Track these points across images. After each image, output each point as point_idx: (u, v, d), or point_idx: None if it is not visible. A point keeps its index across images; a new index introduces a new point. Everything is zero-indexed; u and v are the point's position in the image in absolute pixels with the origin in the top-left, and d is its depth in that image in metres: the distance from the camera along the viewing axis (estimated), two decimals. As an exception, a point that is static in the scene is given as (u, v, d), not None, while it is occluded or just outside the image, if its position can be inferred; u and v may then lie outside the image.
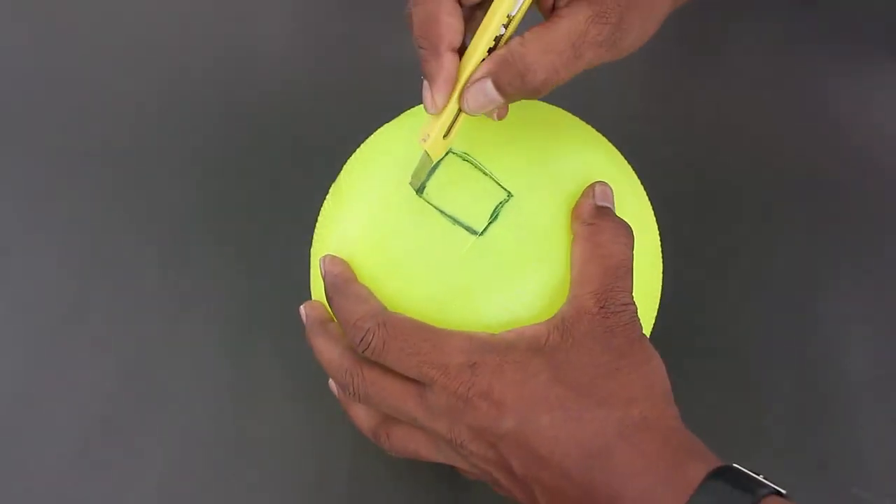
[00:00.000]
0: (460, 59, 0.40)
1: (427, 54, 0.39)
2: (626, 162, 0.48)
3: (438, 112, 0.40)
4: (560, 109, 0.48)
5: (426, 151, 0.41)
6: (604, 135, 0.49)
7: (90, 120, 0.68)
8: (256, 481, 0.52)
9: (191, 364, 0.56)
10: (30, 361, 0.56)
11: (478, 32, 0.40)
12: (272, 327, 0.57)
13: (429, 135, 0.40)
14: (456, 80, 0.39)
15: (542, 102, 0.48)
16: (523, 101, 0.42)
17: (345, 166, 0.48)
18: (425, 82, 0.39)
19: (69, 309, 0.58)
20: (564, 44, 0.38)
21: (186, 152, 0.66)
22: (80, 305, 0.58)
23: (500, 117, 0.44)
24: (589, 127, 0.48)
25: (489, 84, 0.39)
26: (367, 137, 0.49)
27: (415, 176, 0.42)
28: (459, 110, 0.40)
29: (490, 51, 0.40)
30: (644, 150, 0.51)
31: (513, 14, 0.39)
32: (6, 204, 0.63)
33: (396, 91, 0.50)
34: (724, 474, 0.36)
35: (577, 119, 0.48)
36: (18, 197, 0.63)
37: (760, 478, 0.37)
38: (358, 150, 0.48)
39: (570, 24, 0.38)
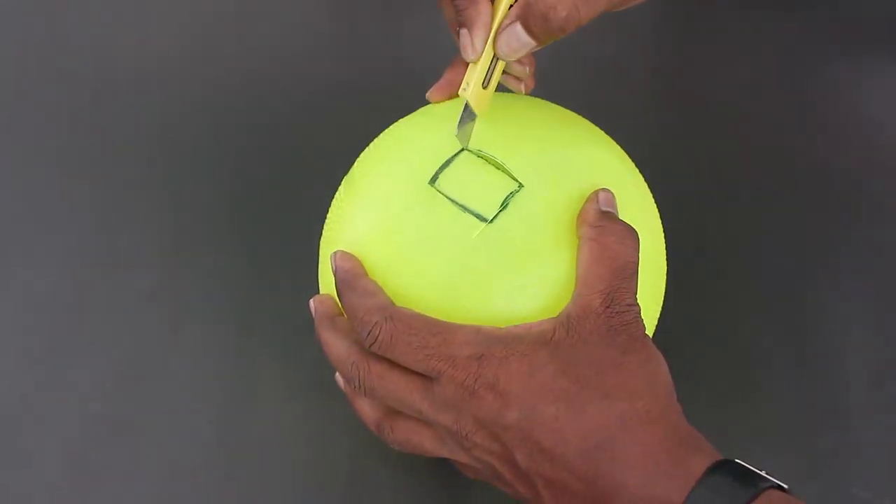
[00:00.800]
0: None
1: (464, 3, 0.42)
2: (630, 161, 0.49)
3: (477, 58, 0.43)
4: (568, 111, 0.49)
5: (467, 101, 0.43)
6: (609, 135, 0.49)
7: (92, 119, 0.68)
8: (256, 481, 0.52)
9: (191, 363, 0.56)
10: (29, 361, 0.56)
11: None
12: (273, 327, 0.57)
13: (469, 83, 0.43)
14: (491, 25, 0.43)
15: (552, 103, 0.49)
16: (535, 100, 0.44)
17: (358, 159, 0.49)
18: (463, 30, 0.43)
19: (69, 308, 0.58)
20: None
21: (189, 148, 0.66)
22: (80, 305, 0.58)
23: (528, 90, 0.47)
24: (596, 127, 0.49)
25: (519, 27, 0.42)
26: (375, 137, 0.49)
27: (460, 128, 0.43)
28: (495, 59, 0.43)
29: None
30: (647, 149, 0.51)
31: None
32: (6, 203, 0.63)
33: (408, 90, 0.51)
34: (725, 467, 0.37)
35: (585, 120, 0.49)
36: (18, 197, 0.63)
37: (763, 473, 0.37)
38: (372, 143, 0.49)
39: None
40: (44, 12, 0.74)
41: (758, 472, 0.37)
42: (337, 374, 0.45)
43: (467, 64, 0.45)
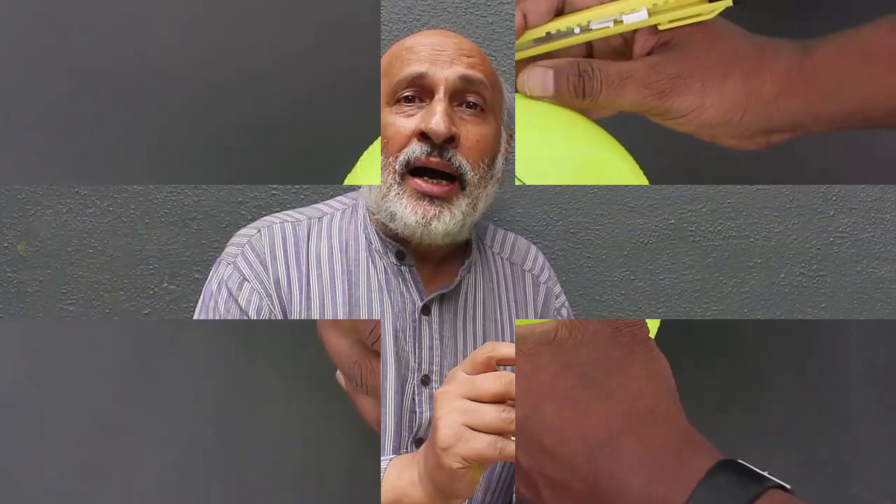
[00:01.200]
0: None
1: None
2: (633, 159, 0.49)
3: None
4: (570, 110, 0.49)
5: None
6: (612, 135, 0.49)
7: (91, 119, 0.67)
8: (256, 481, 0.52)
9: (191, 363, 0.56)
10: (29, 361, 0.56)
11: None
12: (273, 327, 0.57)
13: None
14: None
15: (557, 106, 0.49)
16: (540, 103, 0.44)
17: (361, 157, 0.49)
18: None
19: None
20: None
21: (189, 148, 0.65)
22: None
23: None
24: (598, 126, 0.49)
25: None
26: (375, 137, 0.49)
27: None
28: None
29: None
30: (647, 149, 0.51)
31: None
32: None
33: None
34: (728, 467, 0.36)
35: (586, 119, 0.49)
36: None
37: (765, 473, 0.37)
38: (376, 141, 0.49)
39: None
40: (44, 12, 0.74)
41: (760, 472, 0.37)
42: (338, 372, 0.45)
43: None
